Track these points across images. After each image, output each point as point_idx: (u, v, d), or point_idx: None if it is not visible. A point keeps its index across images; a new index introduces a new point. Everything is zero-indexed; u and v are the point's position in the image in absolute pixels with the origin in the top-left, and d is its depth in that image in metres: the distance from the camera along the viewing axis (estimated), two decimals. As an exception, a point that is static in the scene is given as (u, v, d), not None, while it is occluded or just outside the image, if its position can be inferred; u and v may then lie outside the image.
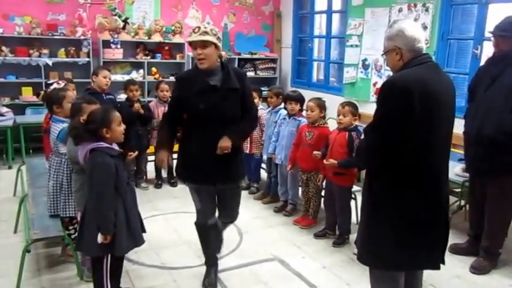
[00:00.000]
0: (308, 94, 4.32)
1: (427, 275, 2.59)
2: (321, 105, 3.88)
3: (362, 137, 2.87)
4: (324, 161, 3.57)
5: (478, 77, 3.30)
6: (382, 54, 2.28)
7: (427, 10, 5.06)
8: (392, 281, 2.23)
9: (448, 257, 2.42)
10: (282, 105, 4.51)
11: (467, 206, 3.77)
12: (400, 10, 5.37)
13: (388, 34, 2.21)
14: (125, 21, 6.53)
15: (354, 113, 3.58)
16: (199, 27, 2.66)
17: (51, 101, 3.11)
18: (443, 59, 5.01)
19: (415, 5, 5.18)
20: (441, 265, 2.26)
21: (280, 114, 4.43)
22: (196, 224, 2.97)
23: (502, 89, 3.05)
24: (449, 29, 4.99)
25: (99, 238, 2.36)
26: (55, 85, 3.86)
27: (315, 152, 3.70)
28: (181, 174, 2.93)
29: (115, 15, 6.42)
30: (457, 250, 3.53)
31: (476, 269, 3.30)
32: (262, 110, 4.78)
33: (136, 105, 4.67)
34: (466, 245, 3.56)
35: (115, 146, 2.53)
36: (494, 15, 4.16)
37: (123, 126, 2.53)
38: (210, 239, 3.02)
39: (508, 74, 3.06)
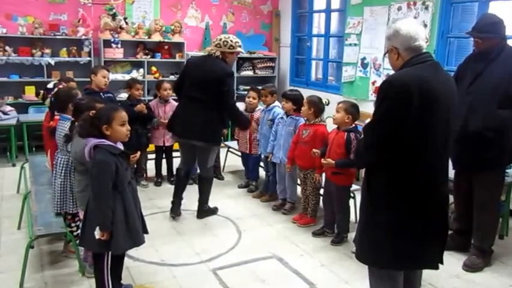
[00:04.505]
0: (306, 93, 4.33)
1: (426, 274, 2.60)
2: (311, 102, 3.88)
3: (361, 137, 2.87)
4: (322, 160, 3.57)
5: (460, 73, 3.26)
6: (384, 55, 2.29)
7: (426, 8, 5.04)
8: (391, 280, 2.23)
9: (447, 256, 2.41)
10: (276, 103, 4.53)
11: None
12: (399, 8, 5.36)
13: (386, 34, 2.23)
14: (124, 20, 6.56)
15: (348, 110, 3.52)
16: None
17: (66, 100, 3.15)
18: (443, 58, 4.99)
19: (415, 3, 5.17)
20: (440, 265, 2.25)
21: (274, 112, 4.45)
22: None
23: (487, 86, 3.03)
24: (449, 27, 4.97)
25: (96, 234, 2.39)
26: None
27: (314, 150, 3.68)
28: None
29: (112, 15, 6.45)
30: None
31: (469, 267, 3.29)
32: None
33: (141, 106, 4.70)
34: (448, 240, 3.58)
35: (119, 145, 2.56)
36: (495, 13, 4.15)
37: (127, 127, 2.53)
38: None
39: (491, 71, 3.05)
